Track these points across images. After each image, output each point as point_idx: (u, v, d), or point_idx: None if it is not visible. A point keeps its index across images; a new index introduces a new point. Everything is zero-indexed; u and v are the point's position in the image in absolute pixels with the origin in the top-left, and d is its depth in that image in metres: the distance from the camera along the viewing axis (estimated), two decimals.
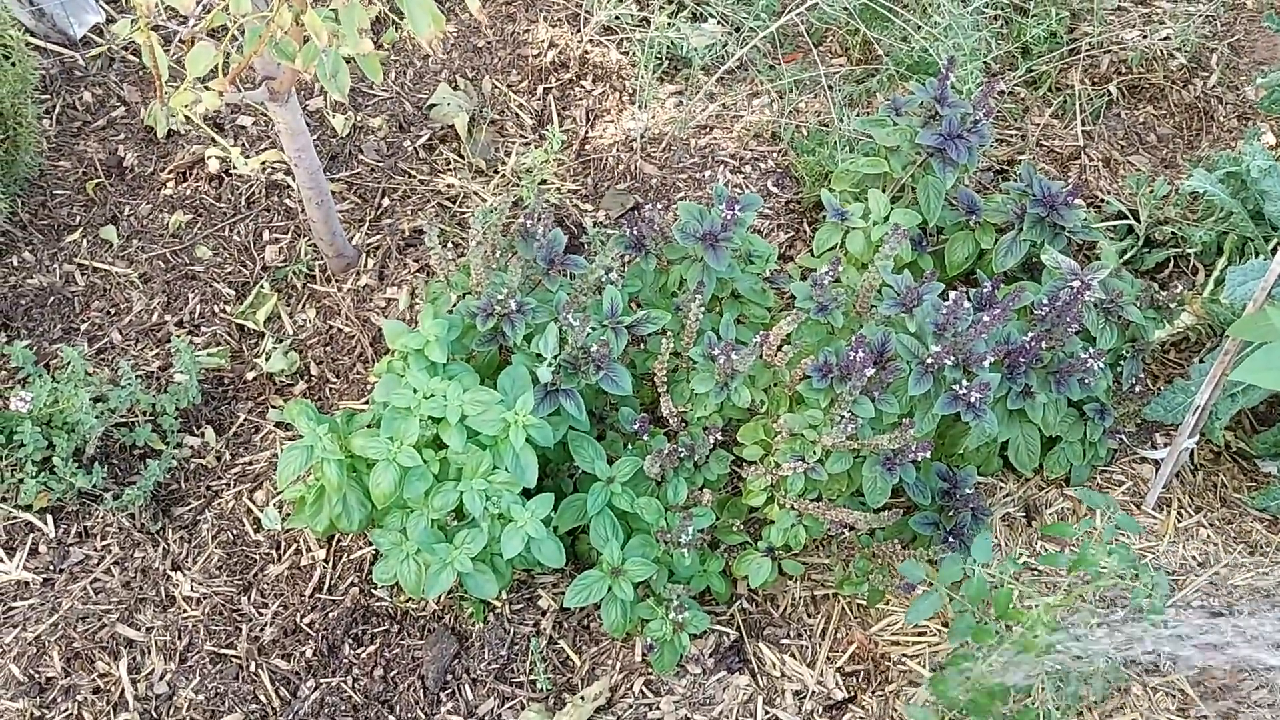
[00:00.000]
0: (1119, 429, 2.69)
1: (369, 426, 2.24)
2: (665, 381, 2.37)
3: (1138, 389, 2.65)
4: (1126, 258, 3.13)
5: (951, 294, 2.25)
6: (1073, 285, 2.40)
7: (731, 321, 2.43)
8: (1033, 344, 2.29)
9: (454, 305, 2.47)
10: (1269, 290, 2.27)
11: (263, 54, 1.82)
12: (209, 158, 2.94)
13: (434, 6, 1.59)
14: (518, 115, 3.50)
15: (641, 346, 2.54)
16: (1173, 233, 3.13)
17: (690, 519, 2.25)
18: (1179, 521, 2.66)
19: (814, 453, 2.17)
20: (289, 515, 2.45)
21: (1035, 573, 2.59)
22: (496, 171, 3.36)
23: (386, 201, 3.25)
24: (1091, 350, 2.36)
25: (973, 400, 2.12)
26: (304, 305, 3.01)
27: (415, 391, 2.16)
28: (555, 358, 2.29)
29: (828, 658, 2.45)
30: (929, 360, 2.13)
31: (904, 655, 2.44)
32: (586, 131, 3.47)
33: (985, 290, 2.40)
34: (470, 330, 2.37)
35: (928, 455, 2.10)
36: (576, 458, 2.34)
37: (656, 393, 2.49)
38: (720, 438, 2.37)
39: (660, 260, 2.59)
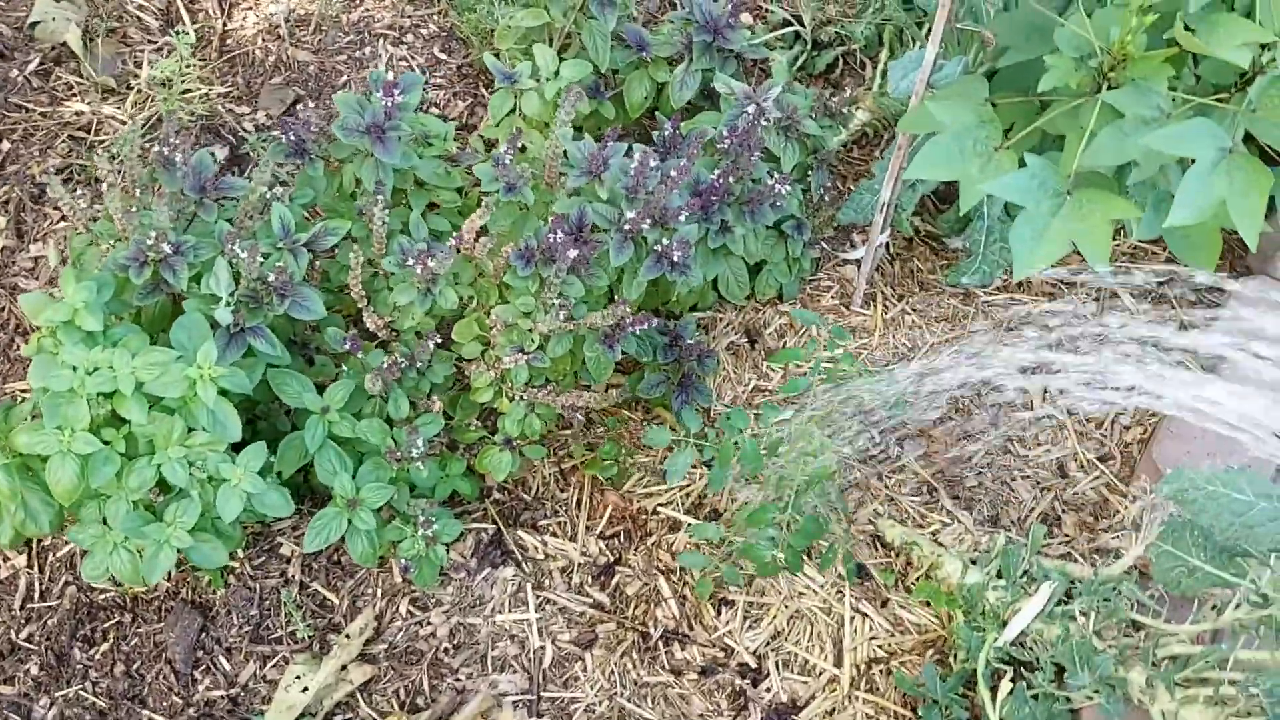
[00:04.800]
0: (818, 239, 2.76)
1: (32, 419, 1.98)
2: (364, 294, 2.20)
3: (827, 198, 2.71)
4: (799, 65, 3.15)
5: (637, 151, 2.17)
6: (748, 110, 2.38)
7: (420, 218, 2.27)
8: (721, 180, 2.27)
9: (103, 258, 2.19)
10: (927, 81, 2.33)
11: None
12: None
13: None
14: (139, 18, 3.09)
15: (333, 257, 2.36)
16: (837, 32, 3.17)
17: (417, 431, 2.14)
18: (885, 313, 2.79)
19: (533, 341, 2.10)
20: None
21: (766, 393, 2.68)
22: (130, 87, 2.97)
23: (6, 145, 2.83)
24: (778, 175, 2.37)
25: (676, 259, 2.09)
26: None
27: (75, 369, 1.91)
28: (232, 295, 2.08)
29: (587, 527, 2.46)
30: (627, 226, 2.07)
31: (658, 505, 2.48)
32: (224, 24, 3.12)
33: (667, 133, 2.35)
34: (127, 284, 2.11)
35: (648, 326, 2.07)
36: (282, 395, 2.16)
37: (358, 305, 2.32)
38: (438, 339, 2.25)
39: (330, 162, 2.38)
